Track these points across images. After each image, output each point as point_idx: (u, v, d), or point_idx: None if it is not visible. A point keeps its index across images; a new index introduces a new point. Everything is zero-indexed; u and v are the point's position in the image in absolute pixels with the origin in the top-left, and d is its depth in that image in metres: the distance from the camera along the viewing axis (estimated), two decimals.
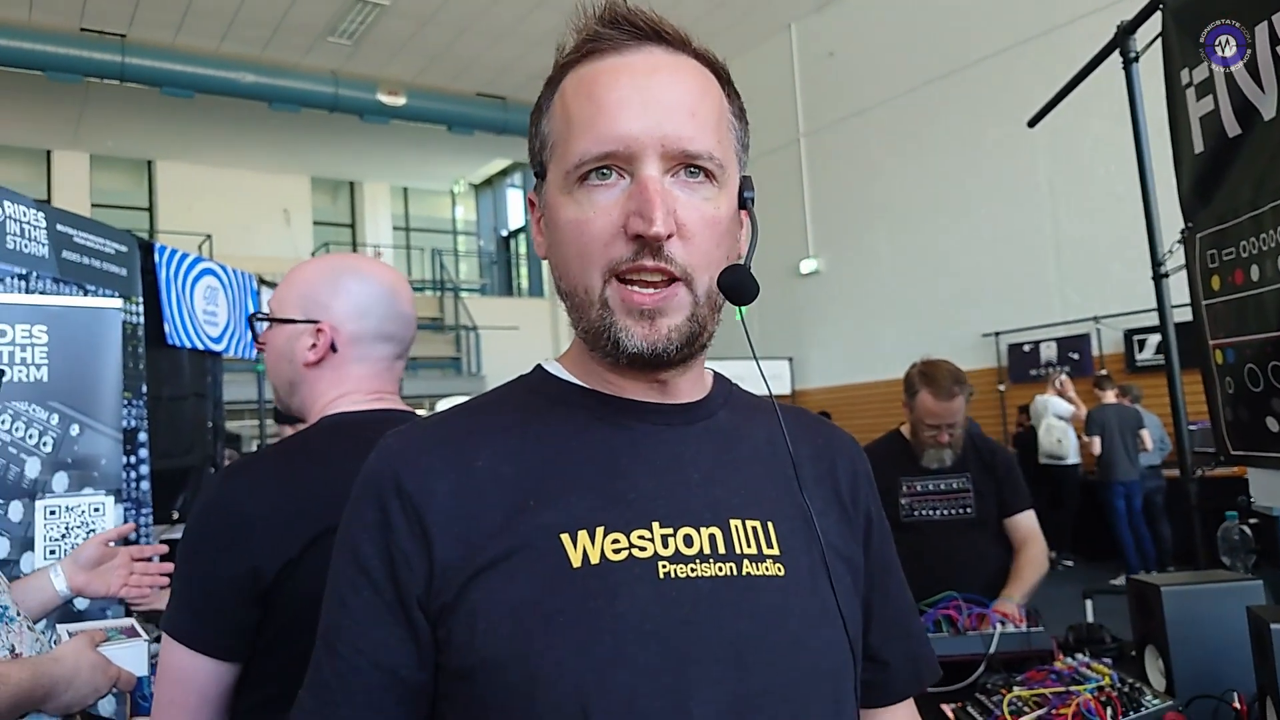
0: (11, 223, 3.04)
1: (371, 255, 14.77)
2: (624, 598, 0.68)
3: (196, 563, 1.09)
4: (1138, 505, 7.51)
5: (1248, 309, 1.93)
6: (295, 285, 1.29)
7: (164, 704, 1.07)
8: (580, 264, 0.72)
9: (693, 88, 0.73)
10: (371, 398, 1.28)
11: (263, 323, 1.31)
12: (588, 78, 0.73)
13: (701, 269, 0.72)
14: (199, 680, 1.07)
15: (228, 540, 1.08)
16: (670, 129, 0.70)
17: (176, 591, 1.10)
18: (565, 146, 0.73)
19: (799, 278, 11.69)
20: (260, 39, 11.55)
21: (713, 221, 0.73)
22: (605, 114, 0.71)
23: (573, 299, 0.74)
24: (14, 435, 2.43)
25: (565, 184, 0.73)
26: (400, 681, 0.70)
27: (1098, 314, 8.61)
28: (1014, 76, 9.21)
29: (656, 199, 0.68)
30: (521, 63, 12.41)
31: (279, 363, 1.30)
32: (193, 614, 1.08)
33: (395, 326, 1.30)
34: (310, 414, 1.29)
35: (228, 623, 1.07)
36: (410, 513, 0.70)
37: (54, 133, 14.21)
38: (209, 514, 1.11)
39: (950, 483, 2.77)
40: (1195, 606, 1.69)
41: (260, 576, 1.07)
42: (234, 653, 1.08)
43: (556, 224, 0.74)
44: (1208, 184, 2.06)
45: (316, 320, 1.26)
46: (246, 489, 1.12)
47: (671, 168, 0.71)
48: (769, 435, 0.83)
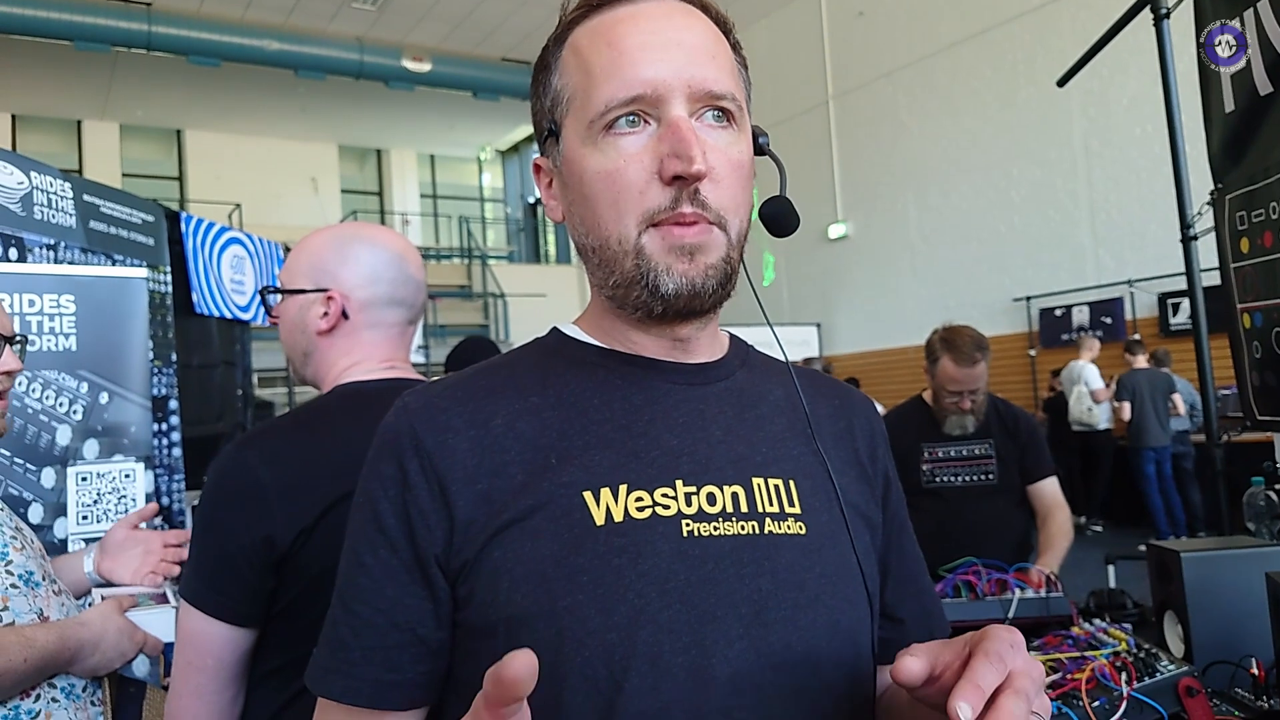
0: (39, 193, 3.08)
1: (400, 223, 14.77)
2: (648, 556, 0.68)
3: (212, 530, 1.11)
4: (1168, 470, 7.44)
5: (1276, 272, 1.89)
6: (304, 255, 1.29)
7: (181, 666, 1.10)
8: (614, 213, 0.71)
9: (708, 32, 0.74)
10: (384, 365, 1.29)
11: (275, 295, 1.32)
12: (603, 27, 0.73)
13: (732, 211, 0.72)
14: (215, 645, 1.09)
15: (242, 508, 1.09)
16: (695, 70, 0.70)
17: (193, 557, 1.12)
18: (586, 97, 0.72)
19: (828, 242, 11.58)
20: (284, 6, 11.54)
21: (738, 164, 0.73)
22: (628, 58, 0.70)
23: (602, 254, 0.74)
24: (44, 403, 2.48)
25: (589, 134, 0.72)
26: (418, 640, 0.71)
27: (1131, 277, 8.46)
28: (1047, 35, 9.00)
29: (692, 136, 0.68)
30: (547, 27, 11.93)
31: (292, 333, 1.31)
32: (208, 580, 1.09)
33: (405, 291, 1.30)
34: (324, 382, 1.30)
35: (242, 589, 1.09)
36: (429, 471, 0.71)
37: (84, 103, 14.35)
38: (224, 481, 1.12)
39: (972, 449, 2.75)
40: (1214, 572, 1.67)
41: (275, 544, 1.08)
42: (249, 619, 1.10)
43: (581, 178, 0.73)
44: (1238, 143, 2.01)
45: (326, 289, 1.26)
46: (261, 457, 1.12)
47: (697, 110, 0.71)
48: (787, 394, 0.83)
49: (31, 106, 14.45)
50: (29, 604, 1.30)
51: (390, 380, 1.27)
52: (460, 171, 19.93)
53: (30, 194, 3.03)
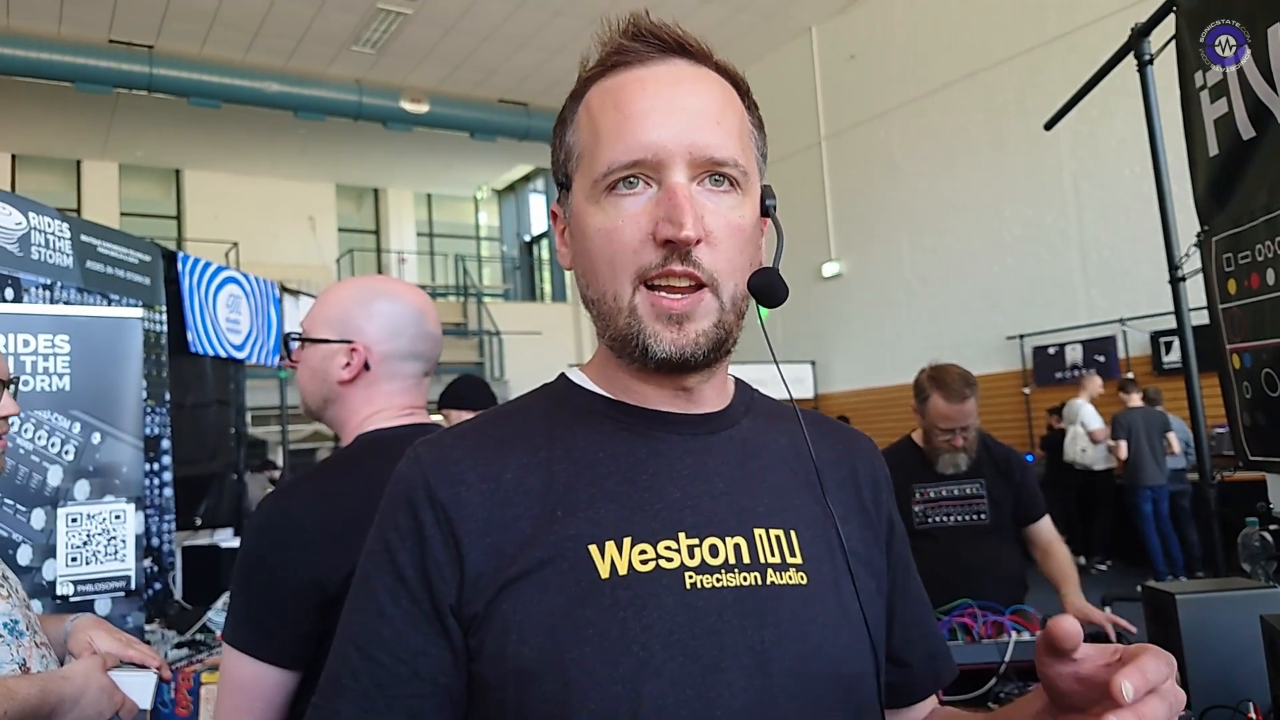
0: (37, 233, 3.09)
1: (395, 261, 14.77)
2: (652, 609, 0.69)
3: (258, 575, 1.14)
4: (1165, 509, 7.42)
5: (1264, 313, 1.90)
6: (329, 306, 1.35)
7: (228, 712, 1.11)
8: (610, 271, 0.73)
9: (716, 97, 0.75)
10: (404, 413, 1.35)
11: (297, 342, 1.37)
12: (613, 89, 0.75)
13: (727, 275, 0.73)
14: (264, 689, 1.11)
15: (290, 552, 1.12)
16: (697, 137, 0.72)
17: (237, 607, 1.15)
18: (592, 156, 0.74)
19: (821, 281, 11.64)
20: (285, 49, 11.67)
21: (738, 228, 0.74)
22: (632, 123, 0.72)
23: (600, 306, 0.75)
24: (36, 444, 2.47)
25: (593, 193, 0.74)
26: (440, 689, 0.71)
27: (1124, 316, 8.50)
28: (1036, 78, 9.13)
29: (686, 204, 0.70)
30: (543, 69, 12.47)
31: (313, 380, 1.36)
32: (255, 624, 1.12)
33: (424, 346, 1.37)
34: (345, 429, 1.35)
35: (290, 631, 1.12)
36: (444, 523, 0.72)
37: (84, 143, 14.43)
38: (267, 530, 1.16)
39: (964, 488, 2.74)
40: (1210, 615, 1.66)
41: (324, 587, 1.11)
42: (296, 661, 1.12)
43: (584, 233, 0.75)
44: (1223, 187, 2.03)
45: (350, 340, 1.32)
46: (302, 505, 1.18)
47: (697, 175, 0.72)
48: (791, 441, 0.84)
49: (31, 146, 14.52)
50: (11, 654, 1.28)
51: (412, 426, 1.33)
52: (457, 210, 20.05)
53: (28, 234, 3.04)
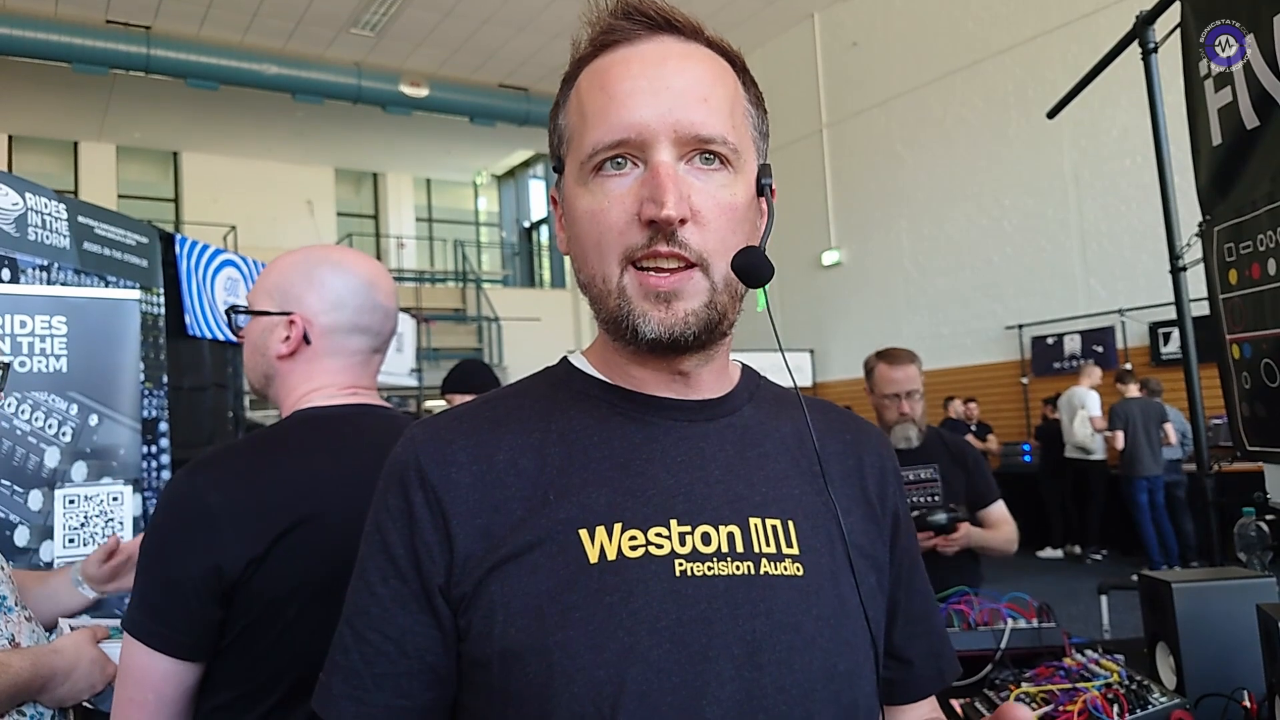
0: (33, 214, 3.08)
1: (394, 246, 14.71)
2: (639, 595, 0.68)
3: (159, 559, 1.06)
4: (1160, 500, 7.44)
5: (1265, 303, 1.90)
6: (271, 276, 1.27)
7: (122, 702, 1.05)
8: (597, 253, 0.73)
9: (705, 74, 0.73)
10: (345, 392, 1.26)
11: (241, 315, 1.29)
12: (600, 70, 0.74)
13: (718, 255, 0.72)
14: (156, 680, 1.04)
15: (191, 536, 1.05)
16: (682, 114, 0.71)
17: (138, 588, 1.07)
18: (580, 139, 0.74)
19: (821, 269, 11.63)
20: (284, 31, 11.62)
21: (729, 207, 0.72)
22: (616, 103, 0.71)
23: (591, 289, 0.75)
24: (33, 425, 2.46)
25: (581, 175, 0.74)
26: (429, 668, 0.72)
27: (1123, 306, 8.51)
28: (1038, 67, 9.11)
29: (668, 183, 0.69)
30: (543, 54, 12.41)
31: (253, 354, 1.28)
32: (153, 612, 1.05)
33: (371, 319, 1.27)
34: (284, 407, 1.27)
35: (189, 621, 1.04)
36: (433, 504, 0.72)
37: (81, 124, 14.38)
38: (173, 508, 1.08)
39: (918, 472, 2.81)
40: (1206, 604, 1.67)
41: (224, 574, 1.04)
42: (195, 652, 1.06)
43: (574, 216, 0.75)
44: (1226, 177, 2.02)
45: (290, 312, 1.24)
46: (212, 483, 1.09)
47: (686, 154, 0.71)
48: (795, 430, 0.82)
49: (28, 127, 14.47)
50: (2, 630, 1.28)
51: (351, 405, 1.25)
52: (456, 195, 20.00)
53: (25, 215, 3.03)
